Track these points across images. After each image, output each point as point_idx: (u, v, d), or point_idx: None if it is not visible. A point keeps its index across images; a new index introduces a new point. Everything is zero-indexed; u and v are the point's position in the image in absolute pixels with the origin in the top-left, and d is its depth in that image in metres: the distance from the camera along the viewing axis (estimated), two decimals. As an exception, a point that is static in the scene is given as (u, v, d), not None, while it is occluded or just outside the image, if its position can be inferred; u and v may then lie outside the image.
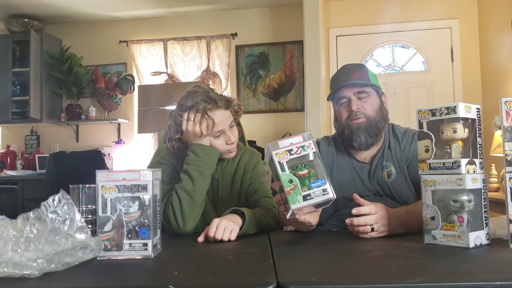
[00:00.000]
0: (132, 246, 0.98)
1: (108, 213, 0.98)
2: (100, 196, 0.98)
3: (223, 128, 1.42)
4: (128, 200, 0.98)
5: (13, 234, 0.87)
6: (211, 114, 1.38)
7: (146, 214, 0.98)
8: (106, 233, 0.98)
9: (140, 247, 0.98)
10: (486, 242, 1.04)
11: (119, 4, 4.39)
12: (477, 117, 1.07)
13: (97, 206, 0.98)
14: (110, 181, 0.98)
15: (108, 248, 0.98)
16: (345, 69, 1.55)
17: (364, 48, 4.29)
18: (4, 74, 4.55)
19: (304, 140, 1.13)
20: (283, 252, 1.06)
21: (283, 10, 4.54)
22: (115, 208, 0.98)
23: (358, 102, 1.48)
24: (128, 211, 0.98)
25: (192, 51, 4.62)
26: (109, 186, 0.98)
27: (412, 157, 1.47)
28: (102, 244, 0.96)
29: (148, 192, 0.99)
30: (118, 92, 4.66)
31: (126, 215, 0.98)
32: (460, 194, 1.02)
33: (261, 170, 1.54)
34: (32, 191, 4.06)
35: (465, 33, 4.11)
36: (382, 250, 1.05)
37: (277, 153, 1.10)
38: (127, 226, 0.98)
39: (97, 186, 0.99)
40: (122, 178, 0.98)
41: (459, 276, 0.81)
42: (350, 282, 0.77)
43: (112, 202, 0.98)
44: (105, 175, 0.99)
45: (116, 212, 0.98)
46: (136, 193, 0.98)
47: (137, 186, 0.98)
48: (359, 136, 1.47)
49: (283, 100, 4.55)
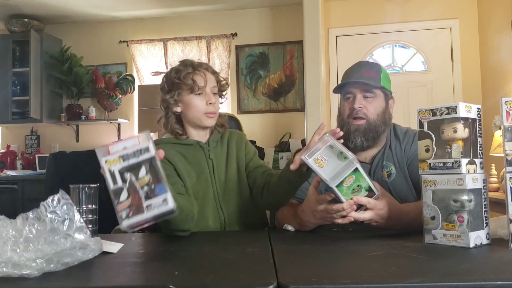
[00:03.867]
0: (152, 205, 0.95)
1: (119, 184, 0.96)
2: (107, 171, 0.96)
3: (204, 85, 1.45)
4: (135, 166, 0.97)
5: (13, 234, 0.87)
6: (198, 71, 1.46)
7: (156, 172, 0.96)
8: (123, 202, 0.95)
9: (160, 204, 0.95)
10: (487, 242, 1.04)
11: (119, 4, 4.39)
12: (477, 117, 1.06)
13: (107, 181, 0.95)
14: (112, 154, 0.97)
15: (130, 215, 0.94)
16: (359, 65, 1.55)
17: (364, 48, 4.29)
18: (4, 74, 4.55)
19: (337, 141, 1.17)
20: (284, 252, 1.06)
21: (283, 10, 4.54)
22: (123, 178, 0.96)
23: (362, 101, 1.48)
24: (138, 177, 0.96)
25: (192, 51, 4.62)
26: (113, 159, 0.97)
27: (412, 157, 1.46)
28: (122, 213, 0.93)
29: (151, 151, 0.97)
30: (118, 92, 4.66)
31: (137, 181, 0.96)
32: (461, 194, 1.02)
33: (253, 148, 1.57)
34: (32, 191, 4.06)
35: (465, 33, 4.10)
36: (382, 250, 1.05)
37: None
38: (142, 190, 0.96)
39: (101, 162, 0.96)
40: (123, 148, 0.98)
41: (459, 276, 0.81)
42: (350, 282, 0.76)
43: (119, 173, 0.96)
44: (105, 150, 0.97)
45: (127, 180, 0.96)
46: (140, 156, 0.97)
47: (139, 150, 0.97)
48: (356, 138, 1.46)
49: (283, 100, 4.55)
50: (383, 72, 1.52)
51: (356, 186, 1.15)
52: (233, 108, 4.57)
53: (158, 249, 1.19)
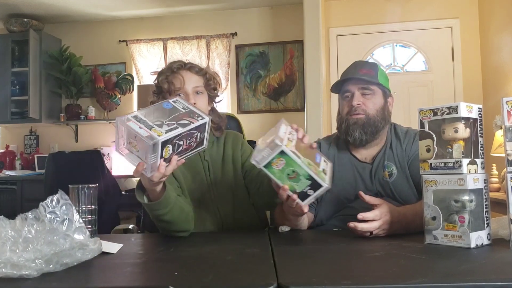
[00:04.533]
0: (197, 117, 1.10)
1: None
2: (158, 150, 1.04)
3: (180, 86, 1.43)
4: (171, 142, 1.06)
5: (12, 235, 0.87)
6: (176, 73, 1.46)
7: (203, 109, 1.14)
8: (183, 153, 1.10)
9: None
10: (487, 242, 1.04)
11: (118, 3, 4.39)
12: (478, 116, 1.06)
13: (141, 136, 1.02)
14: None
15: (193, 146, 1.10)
16: (356, 65, 1.55)
17: (364, 47, 4.28)
18: (3, 74, 4.55)
19: (285, 124, 1.17)
20: (284, 252, 1.05)
21: (283, 10, 4.53)
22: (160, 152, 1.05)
23: (360, 98, 1.48)
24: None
25: (192, 50, 4.62)
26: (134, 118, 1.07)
27: (413, 157, 1.46)
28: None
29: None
30: (118, 92, 4.66)
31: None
32: (462, 194, 1.01)
33: (249, 148, 1.55)
34: (31, 191, 4.06)
35: (465, 32, 4.10)
36: (383, 250, 1.04)
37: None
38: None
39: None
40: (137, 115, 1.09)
41: (460, 277, 0.80)
42: (351, 283, 0.76)
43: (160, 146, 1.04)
44: (127, 119, 1.06)
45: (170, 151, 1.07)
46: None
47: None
48: (354, 131, 1.47)
49: (283, 100, 4.54)
50: (380, 70, 1.53)
51: (291, 172, 1.10)
52: (233, 108, 4.57)
53: (157, 249, 1.19)
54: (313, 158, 1.15)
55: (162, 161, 1.06)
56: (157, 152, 1.03)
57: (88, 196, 1.15)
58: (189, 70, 1.48)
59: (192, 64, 1.51)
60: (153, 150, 1.02)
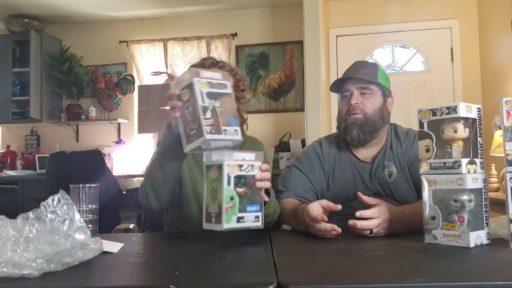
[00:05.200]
0: (227, 131, 1.09)
1: (206, 104, 1.07)
2: (198, 89, 1.08)
3: None
4: (216, 95, 1.09)
5: (13, 234, 0.87)
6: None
7: (226, 108, 1.10)
8: (209, 119, 1.07)
9: (233, 132, 1.09)
10: (487, 242, 1.04)
11: (119, 4, 4.39)
12: (477, 117, 1.06)
13: (197, 97, 1.07)
14: (202, 77, 1.10)
15: (212, 132, 1.06)
16: (356, 64, 1.56)
17: (364, 48, 4.29)
18: (4, 74, 4.55)
19: (255, 159, 1.09)
20: (284, 252, 1.06)
21: (283, 10, 4.54)
22: (207, 101, 1.08)
23: (359, 98, 1.49)
24: (216, 105, 1.09)
25: (192, 51, 4.62)
26: (203, 81, 1.09)
27: (413, 158, 1.47)
28: (206, 129, 1.05)
29: (229, 88, 1.13)
30: (118, 92, 4.66)
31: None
32: (461, 193, 1.02)
33: (265, 159, 1.53)
34: (32, 191, 4.06)
35: (465, 33, 4.10)
36: (383, 250, 1.05)
37: (229, 164, 1.04)
38: (220, 116, 1.08)
39: (193, 80, 1.08)
40: (210, 77, 1.11)
41: (459, 276, 0.81)
42: (350, 282, 0.76)
43: (206, 95, 1.08)
44: (197, 71, 1.10)
45: (210, 104, 1.08)
46: (220, 89, 1.11)
47: (222, 84, 1.12)
48: (352, 130, 1.48)
49: (283, 100, 4.55)
50: (380, 70, 1.53)
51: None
52: (233, 108, 4.57)
53: (158, 249, 1.19)
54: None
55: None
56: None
57: (89, 195, 1.16)
58: (221, 69, 1.47)
59: (223, 63, 1.51)
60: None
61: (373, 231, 1.18)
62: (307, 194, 1.51)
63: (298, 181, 1.53)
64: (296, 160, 1.60)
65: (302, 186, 1.51)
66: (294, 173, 1.55)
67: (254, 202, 1.07)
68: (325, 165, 1.55)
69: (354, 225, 1.17)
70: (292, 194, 1.49)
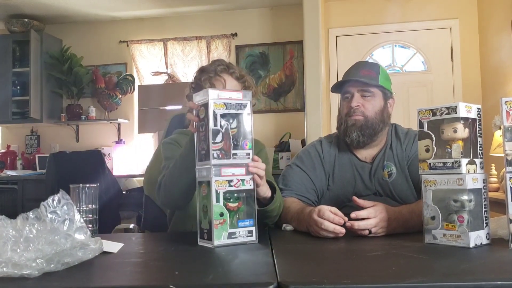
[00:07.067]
0: (237, 155, 1.08)
1: (218, 127, 1.06)
2: (211, 111, 1.06)
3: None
4: (231, 116, 1.08)
5: (13, 234, 0.87)
6: (219, 76, 1.47)
7: (244, 128, 1.09)
8: (218, 143, 1.06)
9: (244, 156, 1.09)
10: (487, 242, 1.04)
11: (119, 4, 4.39)
12: (477, 117, 1.06)
13: (209, 120, 1.06)
14: (219, 99, 1.08)
15: (220, 156, 1.06)
16: (358, 65, 1.55)
17: (364, 48, 4.29)
18: (4, 74, 4.55)
19: (245, 174, 1.09)
20: (284, 252, 1.06)
21: (283, 10, 4.54)
22: (221, 123, 1.07)
23: (360, 100, 1.49)
24: (231, 126, 1.08)
25: (192, 51, 4.63)
26: (219, 103, 1.07)
27: (413, 158, 1.47)
28: (212, 155, 1.04)
29: (247, 109, 1.11)
30: (118, 92, 4.66)
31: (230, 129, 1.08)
32: (461, 193, 1.02)
33: (265, 158, 1.53)
34: (32, 191, 4.06)
35: (465, 33, 4.11)
36: (383, 250, 1.05)
37: (217, 180, 1.05)
38: (232, 139, 1.08)
39: (209, 102, 1.06)
40: (229, 97, 1.09)
41: (459, 276, 0.81)
42: (350, 282, 0.76)
43: (220, 117, 1.07)
44: (216, 94, 1.08)
45: (224, 127, 1.07)
46: (238, 110, 1.09)
47: (240, 104, 1.09)
48: (352, 132, 1.48)
49: (283, 100, 4.55)
50: (382, 71, 1.52)
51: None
52: (233, 108, 4.57)
53: (158, 248, 1.19)
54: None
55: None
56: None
57: (89, 195, 1.16)
58: (231, 75, 1.50)
59: (234, 70, 1.52)
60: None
61: (372, 231, 1.18)
62: (308, 194, 1.51)
63: (299, 180, 1.52)
64: (297, 158, 1.60)
65: (304, 185, 1.51)
66: (295, 172, 1.55)
67: (246, 216, 1.08)
68: (326, 164, 1.55)
69: (351, 226, 1.17)
70: (294, 194, 1.49)
